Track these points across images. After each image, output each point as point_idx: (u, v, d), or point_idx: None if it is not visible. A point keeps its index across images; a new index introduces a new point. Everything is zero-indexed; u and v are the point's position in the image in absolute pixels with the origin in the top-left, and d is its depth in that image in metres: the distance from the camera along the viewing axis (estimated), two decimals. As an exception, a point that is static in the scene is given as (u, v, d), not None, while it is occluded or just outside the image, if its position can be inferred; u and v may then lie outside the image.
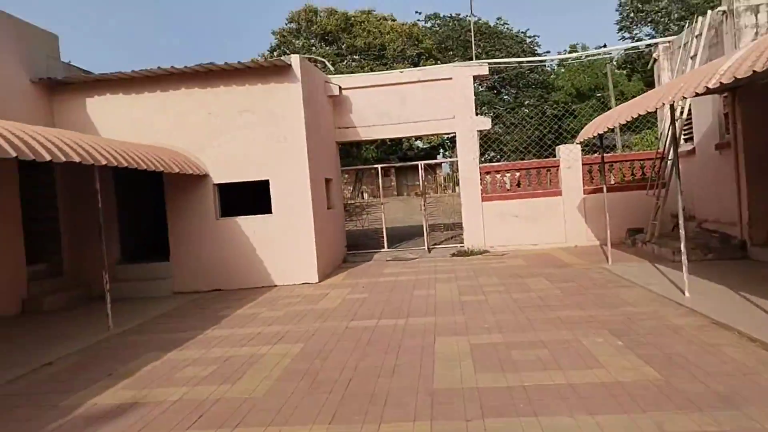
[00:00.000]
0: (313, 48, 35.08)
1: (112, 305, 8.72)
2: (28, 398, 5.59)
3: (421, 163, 15.90)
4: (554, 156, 15.35)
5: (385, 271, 12.67)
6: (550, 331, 6.76)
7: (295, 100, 11.71)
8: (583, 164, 14.59)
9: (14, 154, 6.44)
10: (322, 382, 5.50)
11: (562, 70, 44.73)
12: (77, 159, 7.61)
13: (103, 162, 8.18)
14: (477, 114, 14.89)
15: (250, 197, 12.65)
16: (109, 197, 11.97)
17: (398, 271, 12.51)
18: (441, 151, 44.47)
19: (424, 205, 15.54)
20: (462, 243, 14.94)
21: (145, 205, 13.86)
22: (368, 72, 21.78)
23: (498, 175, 14.93)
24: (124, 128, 11.73)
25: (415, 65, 32.33)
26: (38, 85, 11.51)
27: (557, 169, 14.71)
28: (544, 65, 41.10)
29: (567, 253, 13.43)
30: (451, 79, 14.66)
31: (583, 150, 14.76)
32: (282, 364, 6.20)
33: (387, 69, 26.21)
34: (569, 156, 14.56)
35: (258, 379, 5.74)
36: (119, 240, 12.39)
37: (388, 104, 14.85)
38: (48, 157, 7.06)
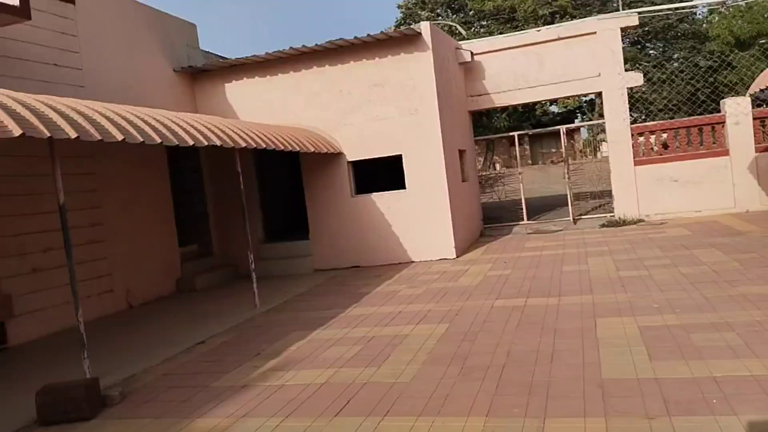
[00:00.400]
0: (439, 18, 34.27)
1: (258, 283, 8.89)
2: (182, 378, 5.70)
3: (562, 128, 14.78)
4: (715, 112, 13.57)
5: (526, 245, 11.93)
6: (735, 311, 5.80)
7: (426, 69, 11.23)
8: (754, 119, 12.75)
9: (159, 140, 6.58)
10: (472, 367, 5.06)
11: (716, 17, 40.10)
12: (218, 142, 7.70)
13: (243, 144, 8.25)
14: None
15: (384, 173, 12.45)
16: (250, 178, 12.30)
17: (542, 245, 11.72)
18: (578, 115, 42.01)
19: (568, 173, 14.47)
20: (612, 212, 13.75)
21: (285, 184, 14.18)
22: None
23: (652, 136, 13.49)
24: (261, 110, 11.94)
25: (550, 25, 30.46)
26: (181, 74, 12.01)
27: (722, 126, 12.99)
28: (695, 14, 37.06)
29: (738, 219, 11.84)
30: (595, 33, 13.35)
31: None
32: (427, 346, 5.84)
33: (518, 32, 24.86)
34: (737, 110, 12.78)
35: (403, 362, 5.42)
36: (262, 219, 12.74)
37: (524, 67, 13.89)
38: (191, 142, 7.17)
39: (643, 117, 26.13)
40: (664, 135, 13.53)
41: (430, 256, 11.37)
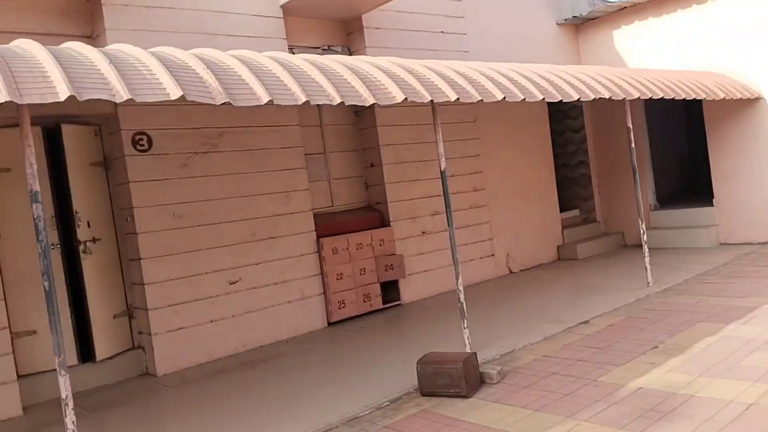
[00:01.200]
0: None
1: (649, 256, 7.67)
2: (563, 365, 5.03)
3: None
4: None
5: None
6: None
7: None
8: None
9: (541, 97, 5.98)
10: None
11: None
12: (606, 94, 6.73)
13: (635, 95, 7.08)
14: None
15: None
16: (640, 135, 10.81)
17: None
18: None
19: None
20: None
21: (679, 140, 12.25)
22: None
23: None
24: (653, 56, 10.34)
25: None
26: (564, 26, 11.22)
27: None
28: None
29: None
30: None
31: None
32: None
33: None
34: None
35: None
36: (653, 182, 11.16)
37: None
38: (575, 96, 6.39)
39: None
40: None
41: None
